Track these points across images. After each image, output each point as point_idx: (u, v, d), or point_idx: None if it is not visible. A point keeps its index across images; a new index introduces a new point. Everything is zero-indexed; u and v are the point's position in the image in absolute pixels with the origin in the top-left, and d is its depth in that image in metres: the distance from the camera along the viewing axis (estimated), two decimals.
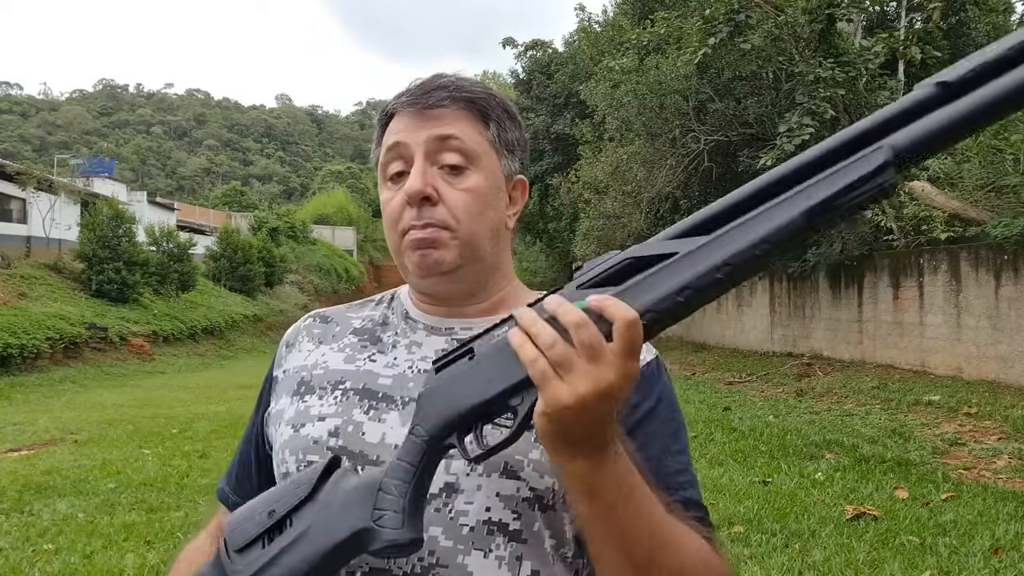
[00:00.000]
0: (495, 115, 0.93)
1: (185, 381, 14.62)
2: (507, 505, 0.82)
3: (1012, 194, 9.43)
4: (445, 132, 0.89)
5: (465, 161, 0.89)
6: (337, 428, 0.88)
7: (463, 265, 0.90)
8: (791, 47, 12.02)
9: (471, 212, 0.89)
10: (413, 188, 0.87)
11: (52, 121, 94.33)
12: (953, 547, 4.11)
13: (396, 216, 0.90)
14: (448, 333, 0.94)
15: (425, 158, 0.88)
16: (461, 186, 0.89)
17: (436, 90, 0.90)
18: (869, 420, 8.06)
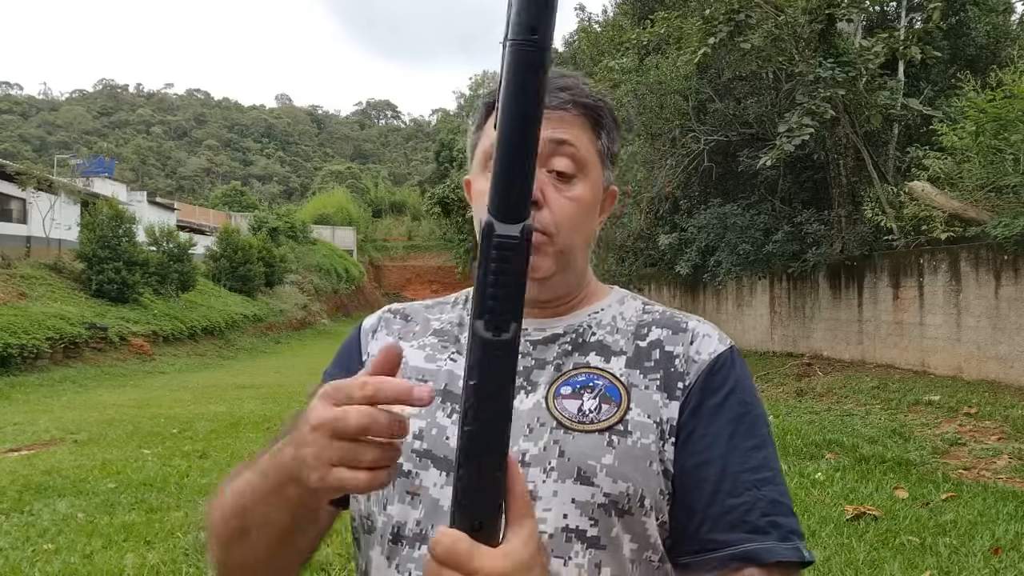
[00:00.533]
0: (607, 124, 0.92)
1: (185, 381, 14.62)
2: (583, 512, 0.80)
3: (1012, 194, 9.43)
4: (561, 136, 0.87)
5: (575, 169, 0.88)
6: (421, 431, 0.86)
7: (556, 273, 0.89)
8: (791, 47, 12.02)
9: (573, 222, 0.88)
10: None
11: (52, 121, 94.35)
12: (953, 547, 4.11)
13: None
14: (522, 335, 0.93)
15: (542, 161, 0.86)
16: (568, 194, 0.88)
17: (559, 91, 0.88)
18: (869, 420, 8.06)
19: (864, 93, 11.53)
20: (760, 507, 0.80)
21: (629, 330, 0.92)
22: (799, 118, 10.85)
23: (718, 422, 0.84)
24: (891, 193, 11.62)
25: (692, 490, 0.82)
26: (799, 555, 0.79)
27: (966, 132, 9.78)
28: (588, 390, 0.85)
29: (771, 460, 0.85)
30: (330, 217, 49.27)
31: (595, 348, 0.90)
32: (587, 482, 0.80)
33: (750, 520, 0.80)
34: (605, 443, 0.81)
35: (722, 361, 0.88)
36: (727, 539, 0.79)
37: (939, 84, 13.65)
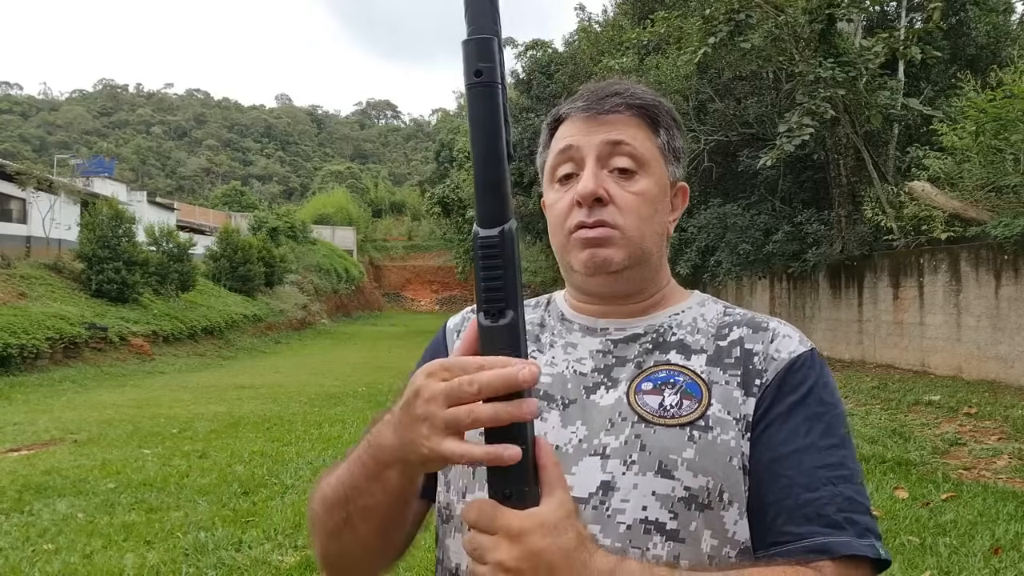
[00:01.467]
0: (665, 122, 0.95)
1: (185, 381, 14.62)
2: (663, 504, 0.81)
3: (1012, 194, 9.43)
4: (617, 137, 0.91)
5: (635, 165, 0.92)
6: None
7: (630, 266, 0.92)
8: (791, 47, 12.02)
9: (640, 214, 0.91)
10: (586, 189, 0.89)
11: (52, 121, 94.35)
12: (953, 547, 4.11)
13: (564, 216, 0.93)
14: (603, 334, 0.95)
15: (597, 161, 0.91)
16: (632, 188, 0.91)
17: (610, 96, 0.93)
18: (869, 420, 8.06)
19: (864, 93, 11.53)
20: (837, 503, 0.80)
21: (710, 331, 0.93)
22: (799, 118, 10.85)
23: (795, 418, 0.85)
24: (891, 193, 11.62)
25: (769, 484, 0.83)
26: (875, 552, 0.79)
27: (966, 132, 9.78)
28: (669, 386, 0.87)
29: (849, 460, 0.85)
30: (330, 217, 49.28)
31: (676, 347, 0.92)
32: (668, 475, 0.82)
33: (826, 514, 0.80)
34: (686, 437, 0.83)
35: (802, 361, 0.89)
36: (802, 531, 0.79)
37: (939, 84, 13.64)
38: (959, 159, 10.51)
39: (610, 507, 0.82)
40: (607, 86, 0.96)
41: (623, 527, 0.81)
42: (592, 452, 0.85)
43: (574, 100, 0.96)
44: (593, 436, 0.86)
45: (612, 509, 0.82)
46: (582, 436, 0.87)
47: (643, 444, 0.84)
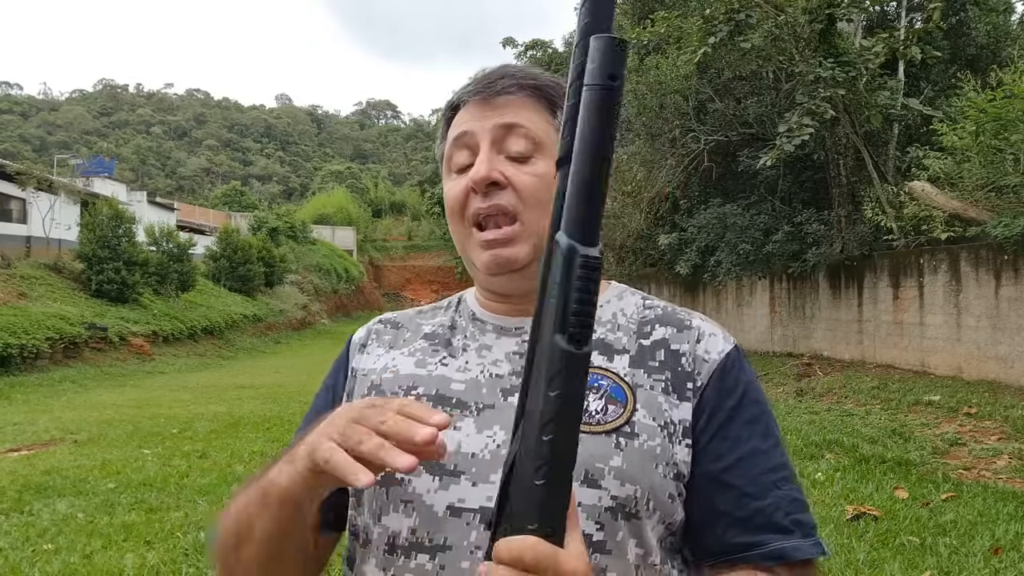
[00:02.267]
0: (561, 102, 0.89)
1: (185, 381, 14.62)
2: (589, 516, 0.78)
3: (1012, 194, 9.43)
4: (510, 120, 0.87)
5: (532, 148, 0.87)
6: None
7: (535, 260, 0.87)
8: (791, 47, 12.02)
9: (540, 198, 0.86)
10: (479, 174, 0.85)
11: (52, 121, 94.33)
12: (953, 547, 4.11)
13: (460, 203, 0.88)
14: (518, 334, 0.91)
15: (491, 146, 0.87)
16: (529, 171, 0.87)
17: (502, 78, 0.89)
18: (869, 420, 8.06)
19: (864, 93, 11.53)
20: (783, 507, 0.82)
21: (631, 327, 0.90)
22: (799, 118, 10.85)
23: (736, 424, 0.84)
24: (891, 193, 11.62)
25: (719, 494, 0.82)
26: (821, 549, 0.82)
27: (966, 132, 9.77)
28: (593, 391, 0.84)
29: (785, 457, 0.86)
30: (330, 217, 49.26)
31: (597, 347, 0.88)
32: (594, 485, 0.79)
33: (776, 521, 0.81)
34: (612, 445, 0.80)
35: (732, 360, 0.88)
36: (755, 540, 0.80)
37: (939, 84, 13.64)
38: (959, 159, 10.51)
39: None
40: (500, 69, 0.92)
41: None
42: None
43: (466, 85, 0.91)
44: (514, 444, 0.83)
45: None
46: (500, 441, 0.83)
47: None
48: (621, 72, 0.60)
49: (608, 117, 0.60)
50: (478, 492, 0.81)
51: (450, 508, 0.81)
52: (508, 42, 26.08)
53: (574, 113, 0.61)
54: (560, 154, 0.63)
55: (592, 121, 0.60)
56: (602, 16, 0.62)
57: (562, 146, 0.63)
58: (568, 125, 0.62)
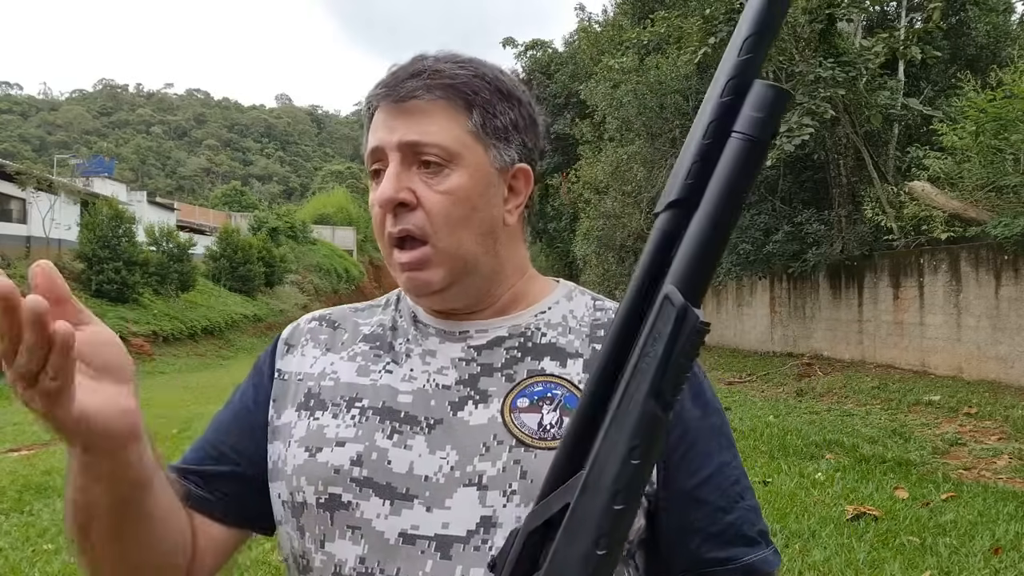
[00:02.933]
0: (480, 100, 0.81)
1: (185, 381, 14.62)
2: None
3: (1012, 194, 9.43)
4: (413, 138, 0.79)
5: (442, 158, 0.80)
6: (360, 455, 0.79)
7: (454, 282, 0.82)
8: (791, 47, 12.02)
9: (451, 218, 0.80)
10: (384, 196, 0.79)
11: (52, 121, 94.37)
12: (953, 547, 4.11)
13: (379, 223, 0.83)
14: (463, 338, 0.85)
15: (400, 162, 0.80)
16: (440, 188, 0.80)
17: (410, 79, 0.80)
18: (869, 420, 8.06)
19: (864, 93, 11.53)
20: (749, 519, 0.82)
21: (583, 330, 0.85)
22: (799, 118, 10.85)
23: (704, 438, 0.82)
24: (891, 193, 11.62)
25: (692, 510, 0.81)
26: (779, 558, 0.83)
27: (966, 132, 9.77)
28: (547, 401, 0.79)
29: (741, 463, 0.85)
30: (330, 217, 49.26)
31: (548, 352, 0.83)
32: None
33: (744, 534, 0.81)
34: None
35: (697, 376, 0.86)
36: (729, 555, 0.80)
37: (939, 84, 13.64)
38: (959, 159, 10.51)
39: (493, 545, 0.73)
40: (410, 64, 0.82)
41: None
42: (467, 482, 0.76)
43: (378, 85, 0.84)
44: (466, 462, 0.77)
45: (496, 548, 0.73)
46: (453, 463, 0.77)
47: (523, 471, 0.75)
48: (779, 125, 0.56)
49: (754, 175, 0.56)
50: (433, 518, 0.76)
51: (403, 535, 0.75)
52: (508, 42, 26.11)
53: (708, 154, 0.56)
54: (678, 196, 0.57)
55: (736, 176, 0.55)
56: (761, 57, 0.56)
57: (682, 187, 0.57)
58: (697, 166, 0.56)
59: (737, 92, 0.55)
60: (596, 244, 17.31)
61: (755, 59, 0.55)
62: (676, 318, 0.57)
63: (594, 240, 17.34)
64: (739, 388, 11.29)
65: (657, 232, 0.59)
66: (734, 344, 15.93)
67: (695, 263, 0.58)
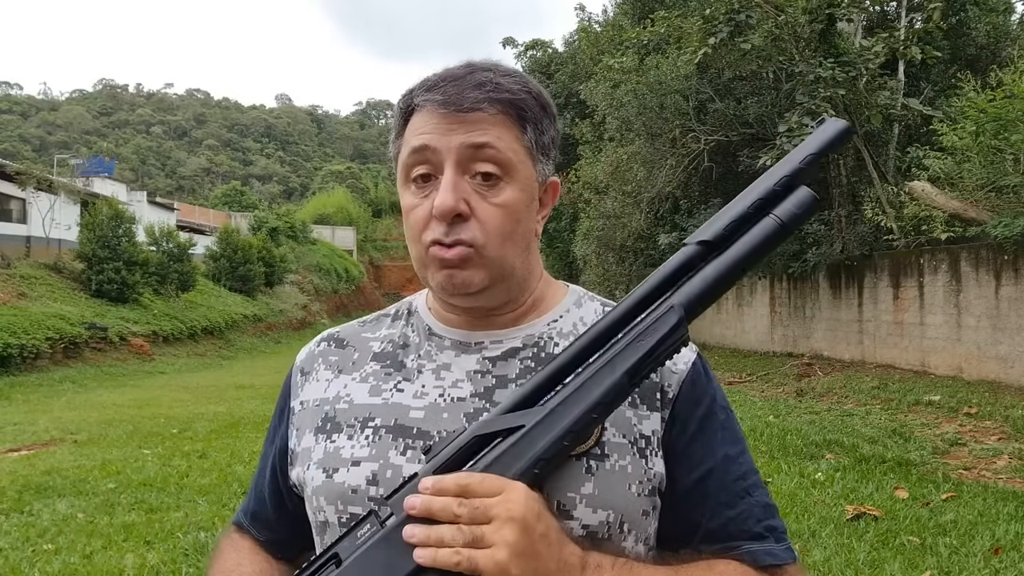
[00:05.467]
0: (532, 116, 0.84)
1: (185, 381, 14.62)
2: None
3: (1012, 194, 9.42)
4: (480, 140, 0.80)
5: (500, 171, 0.81)
6: (375, 474, 0.81)
7: (492, 285, 0.83)
8: (791, 47, 12.02)
9: (503, 231, 0.81)
10: (445, 205, 0.78)
11: (52, 121, 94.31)
12: (953, 547, 4.11)
13: (421, 227, 0.82)
14: (478, 349, 0.87)
15: (456, 167, 0.80)
16: (495, 200, 0.81)
17: (472, 89, 0.81)
18: (869, 420, 8.06)
19: (864, 93, 11.53)
20: (756, 514, 0.82)
21: None
22: (799, 118, 10.85)
23: (708, 433, 0.84)
24: (891, 193, 11.62)
25: (694, 505, 0.82)
26: (792, 555, 0.82)
27: (966, 132, 9.77)
28: None
29: (751, 461, 0.87)
30: (330, 217, 49.25)
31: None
32: (566, 516, 0.77)
33: (748, 528, 0.81)
34: (583, 470, 0.78)
35: (697, 369, 0.88)
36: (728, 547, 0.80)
37: (939, 84, 13.64)
38: (959, 159, 10.50)
39: None
40: (468, 74, 0.82)
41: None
42: None
43: (430, 88, 0.82)
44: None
45: None
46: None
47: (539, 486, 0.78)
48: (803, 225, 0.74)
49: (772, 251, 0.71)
50: None
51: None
52: (508, 42, 26.09)
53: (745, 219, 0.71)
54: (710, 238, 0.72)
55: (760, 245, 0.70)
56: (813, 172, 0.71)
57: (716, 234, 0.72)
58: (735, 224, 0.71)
59: (786, 188, 0.71)
60: (596, 244, 17.30)
61: (808, 171, 0.71)
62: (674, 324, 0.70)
63: (594, 240, 17.33)
64: (739, 388, 11.28)
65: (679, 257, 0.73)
66: (734, 344, 15.93)
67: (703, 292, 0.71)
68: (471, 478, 0.68)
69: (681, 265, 0.73)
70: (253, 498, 1.00)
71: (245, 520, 1.00)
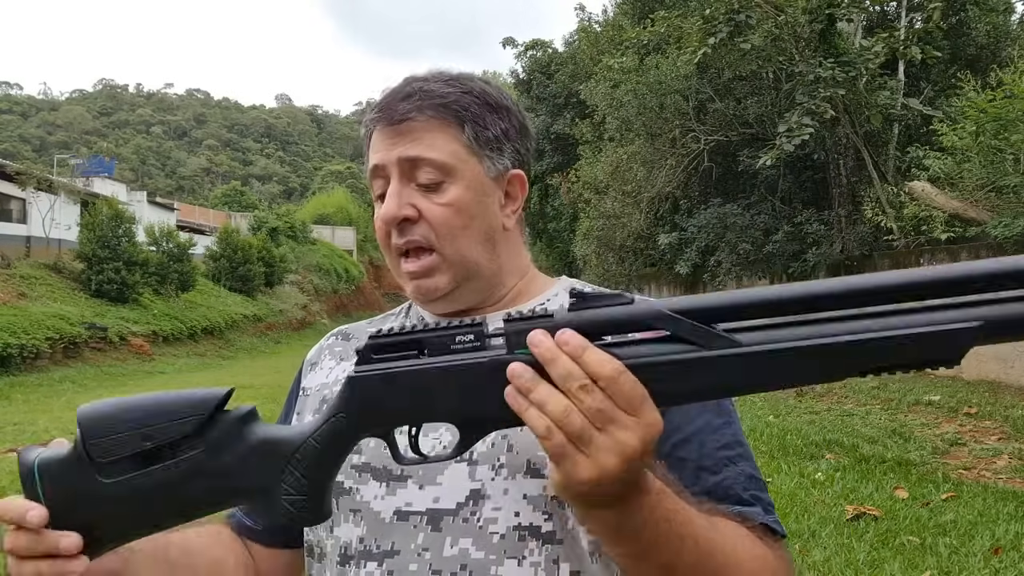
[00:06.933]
0: (471, 115, 0.87)
1: (185, 381, 14.62)
2: (536, 507, 0.78)
3: (1012, 194, 9.43)
4: (412, 153, 0.85)
5: (441, 176, 0.85)
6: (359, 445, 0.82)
7: (459, 285, 0.88)
8: (791, 47, 12.02)
9: (453, 228, 0.85)
10: (388, 214, 0.85)
11: (52, 121, 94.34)
12: (953, 547, 4.11)
13: (384, 238, 0.89)
14: None
15: (400, 179, 0.86)
16: (440, 200, 0.85)
17: (402, 101, 0.86)
18: (869, 420, 8.06)
19: (864, 93, 11.54)
20: (740, 482, 0.82)
21: None
22: (799, 118, 10.85)
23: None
24: (891, 193, 11.62)
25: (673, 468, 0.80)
26: (783, 531, 0.81)
27: (966, 132, 9.77)
28: None
29: (740, 436, 0.87)
30: (330, 217, 49.26)
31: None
32: (538, 474, 0.78)
33: (734, 493, 0.81)
34: None
35: None
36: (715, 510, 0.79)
37: (939, 84, 13.64)
38: (959, 159, 10.50)
39: (481, 517, 0.78)
40: (402, 87, 0.88)
41: (496, 537, 0.78)
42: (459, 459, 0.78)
43: (375, 108, 0.90)
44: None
45: (484, 519, 0.78)
46: (446, 443, 0.82)
47: (510, 444, 0.80)
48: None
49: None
50: (425, 495, 0.81)
51: (397, 513, 0.82)
52: (508, 42, 26.11)
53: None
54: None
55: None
56: None
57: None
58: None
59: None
60: (596, 244, 17.31)
61: None
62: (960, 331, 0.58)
63: (594, 240, 17.34)
64: None
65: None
66: None
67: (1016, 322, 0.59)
68: (620, 374, 0.59)
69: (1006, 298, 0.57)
70: None
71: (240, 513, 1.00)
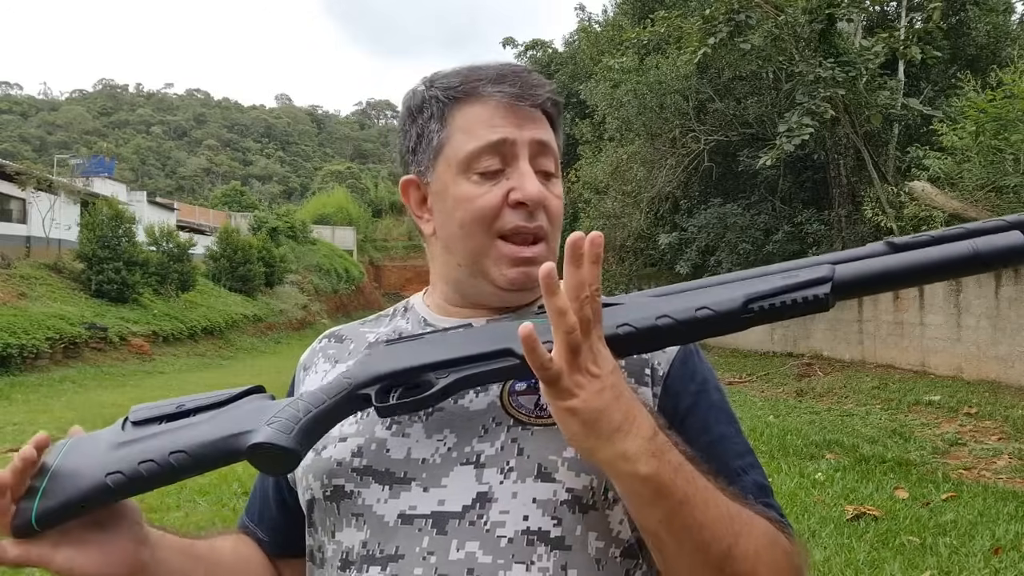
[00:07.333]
0: (559, 121, 0.90)
1: (185, 381, 14.62)
2: (545, 511, 0.77)
3: (1012, 194, 9.43)
4: (545, 137, 0.85)
5: (555, 169, 0.87)
6: (360, 447, 0.83)
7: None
8: (791, 47, 12.02)
9: (559, 223, 0.87)
10: (534, 194, 0.81)
11: (52, 121, 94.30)
12: (953, 547, 4.11)
13: (491, 215, 0.82)
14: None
15: (527, 161, 0.83)
16: (556, 191, 0.86)
17: (536, 87, 0.85)
18: (869, 420, 8.06)
19: (864, 93, 11.54)
20: (753, 491, 0.81)
21: None
22: (799, 118, 10.86)
23: (702, 409, 0.84)
24: (891, 193, 11.63)
25: None
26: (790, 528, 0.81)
27: (966, 132, 9.77)
28: None
29: (747, 442, 0.86)
30: (330, 217, 49.24)
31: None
32: (548, 479, 0.77)
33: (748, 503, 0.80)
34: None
35: (689, 350, 0.89)
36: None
37: (939, 84, 13.65)
38: (959, 159, 10.51)
39: (488, 520, 0.77)
40: (525, 73, 0.86)
41: (504, 540, 0.76)
42: (464, 461, 0.79)
43: (495, 80, 0.83)
44: (464, 444, 0.80)
45: (491, 522, 0.77)
46: (451, 444, 0.80)
47: (520, 448, 0.78)
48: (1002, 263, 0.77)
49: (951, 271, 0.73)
50: (429, 497, 0.79)
51: (401, 516, 0.79)
52: (508, 42, 26.10)
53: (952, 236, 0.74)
54: (898, 241, 0.73)
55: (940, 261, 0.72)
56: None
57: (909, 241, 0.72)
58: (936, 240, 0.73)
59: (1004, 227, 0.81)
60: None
61: None
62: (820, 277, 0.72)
63: None
64: (739, 388, 11.28)
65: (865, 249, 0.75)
66: (734, 344, 15.92)
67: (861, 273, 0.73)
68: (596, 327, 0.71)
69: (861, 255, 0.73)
70: (257, 498, 1.01)
71: (249, 521, 1.00)
